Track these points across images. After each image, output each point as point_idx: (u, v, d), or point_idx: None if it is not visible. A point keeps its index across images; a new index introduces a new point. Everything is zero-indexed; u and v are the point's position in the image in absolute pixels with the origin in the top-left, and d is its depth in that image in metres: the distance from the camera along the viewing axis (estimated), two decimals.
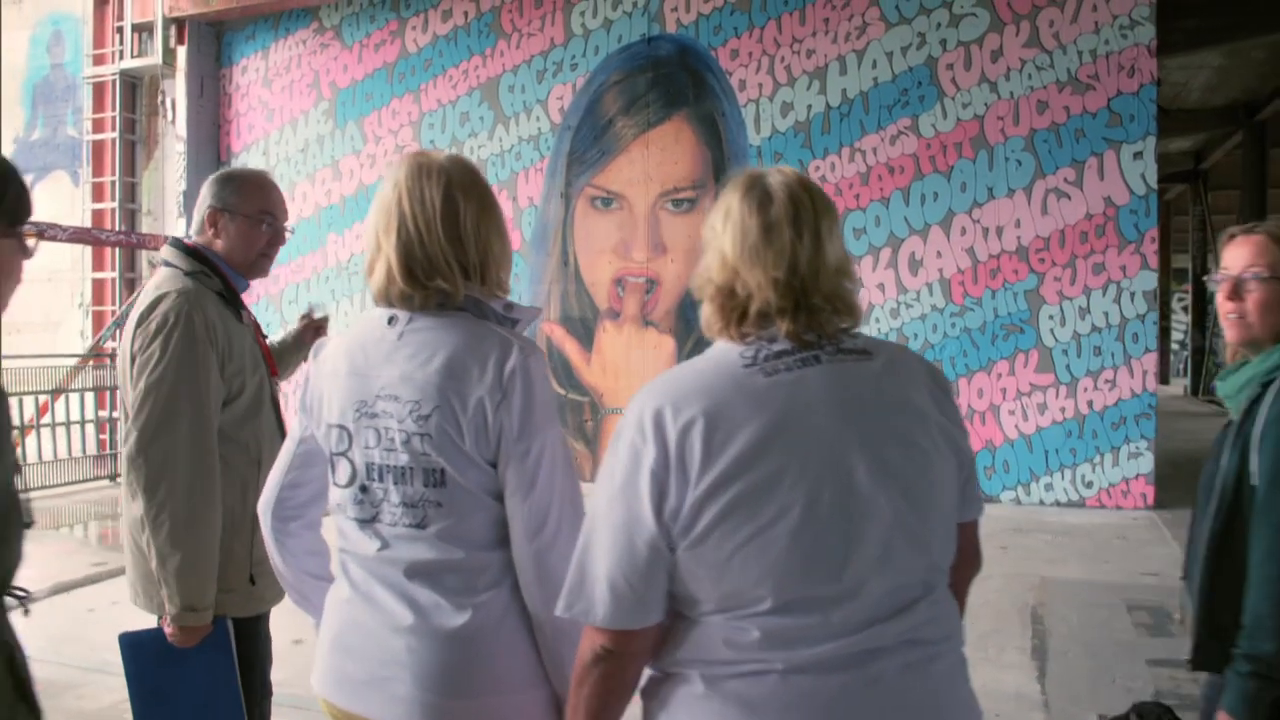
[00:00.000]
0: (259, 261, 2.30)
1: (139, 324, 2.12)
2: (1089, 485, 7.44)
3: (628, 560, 1.20)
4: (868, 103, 7.89)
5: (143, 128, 10.13)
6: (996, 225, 7.60)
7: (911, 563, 1.23)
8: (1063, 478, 7.49)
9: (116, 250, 9.86)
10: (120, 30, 10.01)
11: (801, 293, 1.24)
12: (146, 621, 2.25)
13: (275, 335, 2.68)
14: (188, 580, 2.07)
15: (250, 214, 2.24)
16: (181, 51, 9.72)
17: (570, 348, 8.71)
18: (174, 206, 9.86)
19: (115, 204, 9.92)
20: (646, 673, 1.29)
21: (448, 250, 1.49)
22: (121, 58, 9.92)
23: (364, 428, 1.54)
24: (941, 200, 7.71)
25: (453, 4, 9.09)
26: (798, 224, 1.26)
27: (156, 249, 9.62)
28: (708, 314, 1.31)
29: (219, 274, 2.22)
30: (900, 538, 1.21)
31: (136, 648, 2.16)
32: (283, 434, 2.28)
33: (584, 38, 8.69)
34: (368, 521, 1.55)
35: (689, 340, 8.28)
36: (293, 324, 2.81)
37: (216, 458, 2.10)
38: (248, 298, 2.35)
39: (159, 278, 2.20)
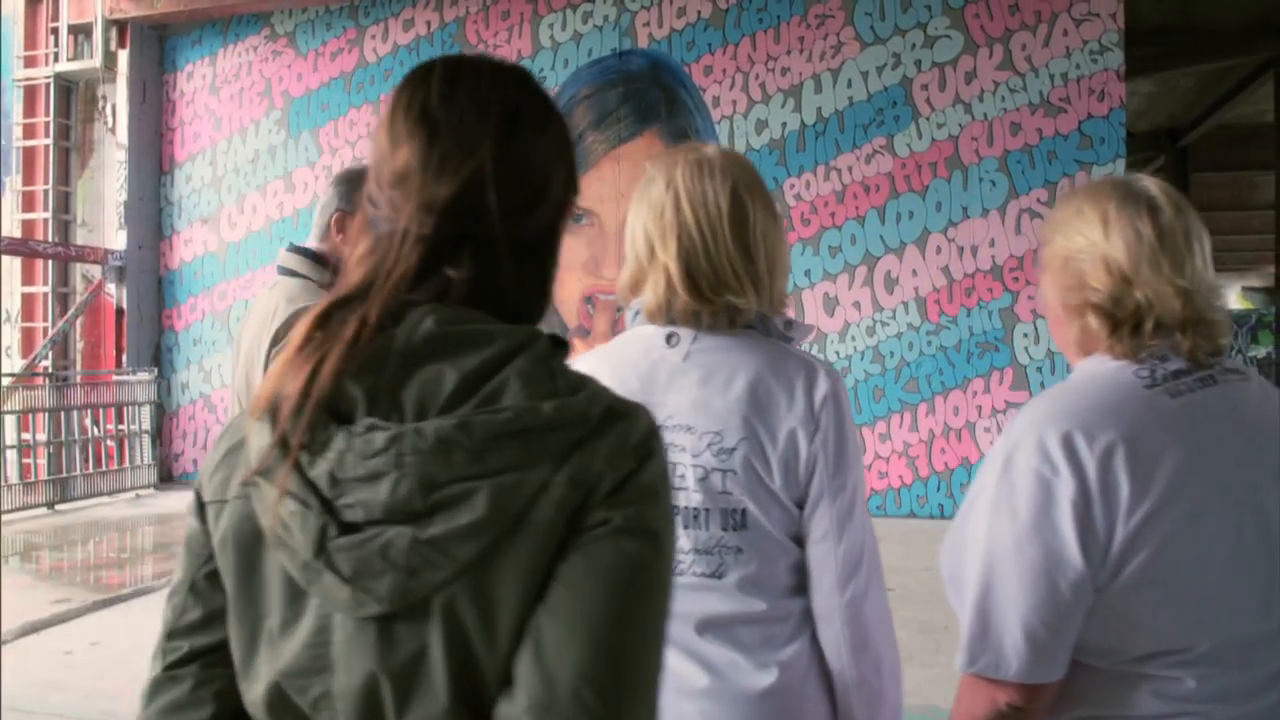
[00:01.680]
0: None
1: (275, 342, 1.91)
2: None
3: (1049, 606, 1.07)
4: (843, 121, 7.91)
5: (77, 134, 9.60)
6: (971, 244, 7.68)
7: None
8: None
9: (49, 263, 9.30)
10: (55, 31, 9.48)
11: (1200, 306, 1.13)
12: (125, 668, 2.01)
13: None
14: None
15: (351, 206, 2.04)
16: (123, 55, 9.25)
17: None
18: (114, 218, 9.35)
19: (48, 214, 9.37)
20: None
21: (737, 261, 1.31)
22: (56, 60, 9.39)
23: None
24: (917, 219, 7.76)
25: (414, 14, 8.85)
26: (1189, 233, 1.15)
27: (96, 262, 9.11)
28: (1088, 328, 1.19)
29: None
30: None
31: None
32: None
33: (553, 50, 8.53)
34: None
35: None
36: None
37: None
38: (189, 312, 2.13)
39: (289, 290, 1.99)
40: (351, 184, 2.04)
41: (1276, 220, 11.05)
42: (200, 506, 0.89)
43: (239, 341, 2.05)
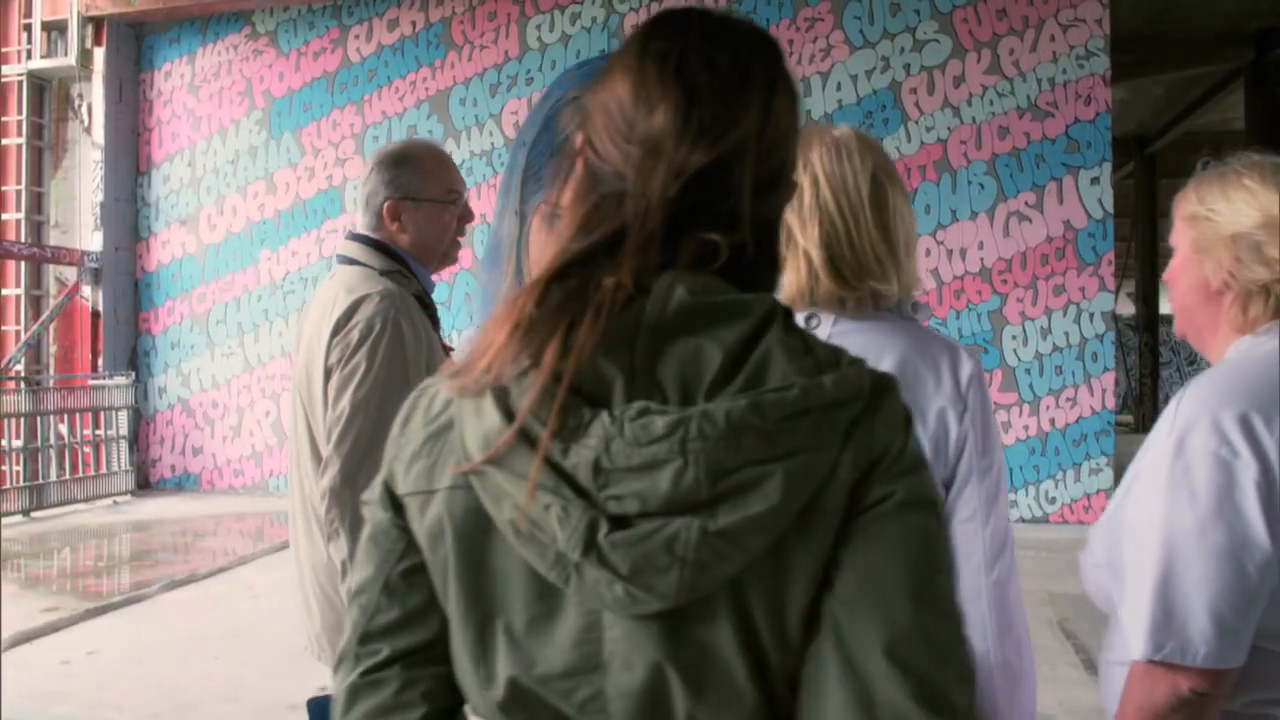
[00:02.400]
0: (450, 250, 2.02)
1: (335, 332, 1.83)
2: (1052, 501, 7.60)
3: (1236, 590, 1.06)
4: (832, 124, 7.92)
5: (51, 133, 9.39)
6: (960, 247, 7.73)
7: None
8: (1027, 494, 7.63)
9: (21, 265, 9.07)
10: (28, 28, 9.27)
11: None
12: (125, 677, 1.94)
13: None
14: None
15: (437, 197, 1.97)
16: (99, 53, 9.06)
17: None
18: (89, 219, 9.14)
19: (21, 215, 9.14)
20: None
21: (879, 245, 1.28)
22: (29, 57, 9.18)
23: None
24: None
25: (399, 13, 8.76)
26: None
27: (72, 264, 8.91)
28: (1252, 306, 1.18)
29: (413, 274, 1.96)
30: None
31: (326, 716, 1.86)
32: None
33: (540, 51, 8.49)
34: None
35: None
36: (220, 346, 2.49)
37: None
38: (167, 316, 2.05)
39: (348, 279, 1.90)
40: (397, 168, 1.97)
41: None
42: (391, 498, 0.82)
43: (299, 334, 1.97)
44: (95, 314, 9.04)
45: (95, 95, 9.11)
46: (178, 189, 9.31)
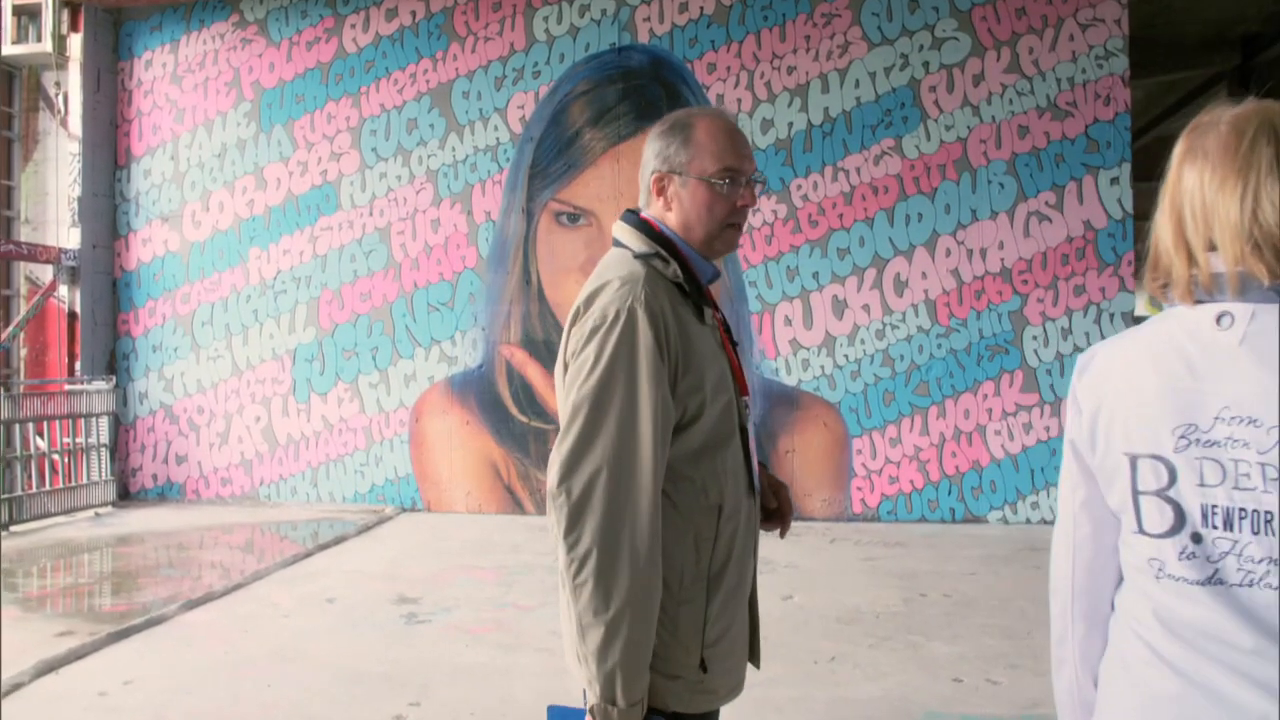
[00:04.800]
0: (725, 234, 1.77)
1: (574, 321, 1.63)
2: None
3: None
4: (850, 122, 7.81)
5: (21, 124, 8.86)
6: (980, 247, 7.66)
7: None
8: (1048, 496, 7.57)
9: None
10: None
11: None
12: (175, 709, 1.70)
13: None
14: (609, 665, 1.56)
15: (709, 174, 1.73)
16: (76, 39, 8.58)
17: (532, 371, 8.17)
18: (64, 214, 8.65)
19: None
20: None
21: None
22: None
23: (1197, 459, 1.14)
24: (926, 221, 7.71)
25: (398, 3, 8.43)
26: None
27: (48, 262, 8.41)
28: None
29: (679, 257, 1.72)
30: None
31: None
32: (751, 472, 1.79)
33: (547, 44, 8.23)
34: (1202, 583, 1.15)
35: None
36: (207, 349, 2.24)
37: (658, 500, 1.60)
38: (148, 317, 1.82)
39: (605, 262, 1.70)
40: (668, 137, 1.74)
41: None
42: None
43: None
44: (72, 315, 8.55)
45: (71, 84, 8.62)
46: (159, 184, 8.85)
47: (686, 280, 1.71)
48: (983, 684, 4.05)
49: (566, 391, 1.62)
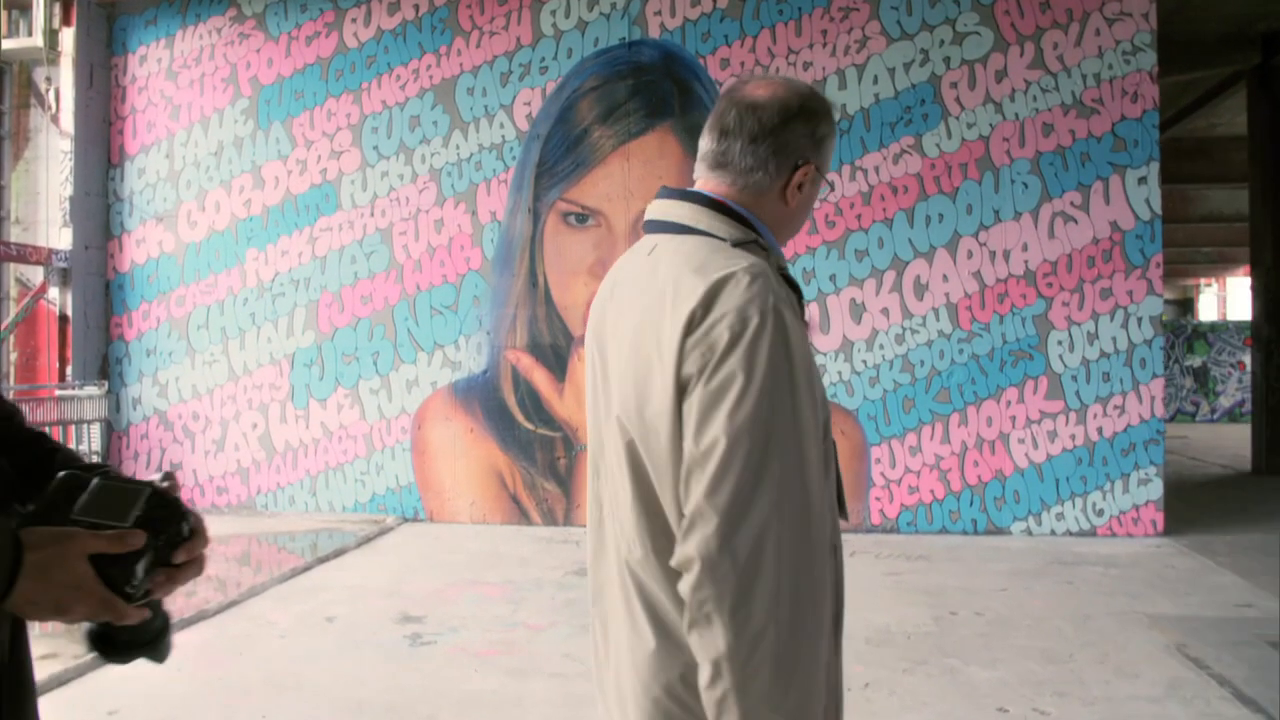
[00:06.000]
0: (795, 232, 1.53)
1: (691, 329, 1.30)
2: (1100, 513, 7.29)
3: None
4: (869, 119, 7.55)
5: (11, 121, 8.59)
6: (1004, 249, 7.40)
7: None
8: (1073, 506, 7.31)
9: None
10: None
11: None
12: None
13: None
14: None
15: (826, 170, 1.48)
16: (68, 34, 8.31)
17: (539, 377, 7.90)
18: (55, 214, 8.37)
19: None
20: None
21: None
22: None
23: None
24: (947, 222, 7.45)
25: None
26: None
27: (39, 263, 8.14)
28: None
29: (768, 247, 1.44)
30: None
31: None
32: (841, 499, 1.52)
33: (555, 39, 7.96)
34: None
35: None
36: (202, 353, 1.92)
37: (828, 552, 1.31)
38: (142, 320, 1.49)
39: (691, 253, 1.34)
40: (822, 122, 1.42)
41: (1251, 228, 11.15)
42: None
43: (599, 335, 1.47)
44: (63, 318, 8.28)
45: (63, 80, 8.35)
46: (154, 183, 8.58)
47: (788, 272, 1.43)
48: (1030, 714, 3.78)
49: (702, 422, 1.25)
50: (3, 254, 7.83)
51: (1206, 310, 29.24)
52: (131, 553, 1.00)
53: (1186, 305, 29.47)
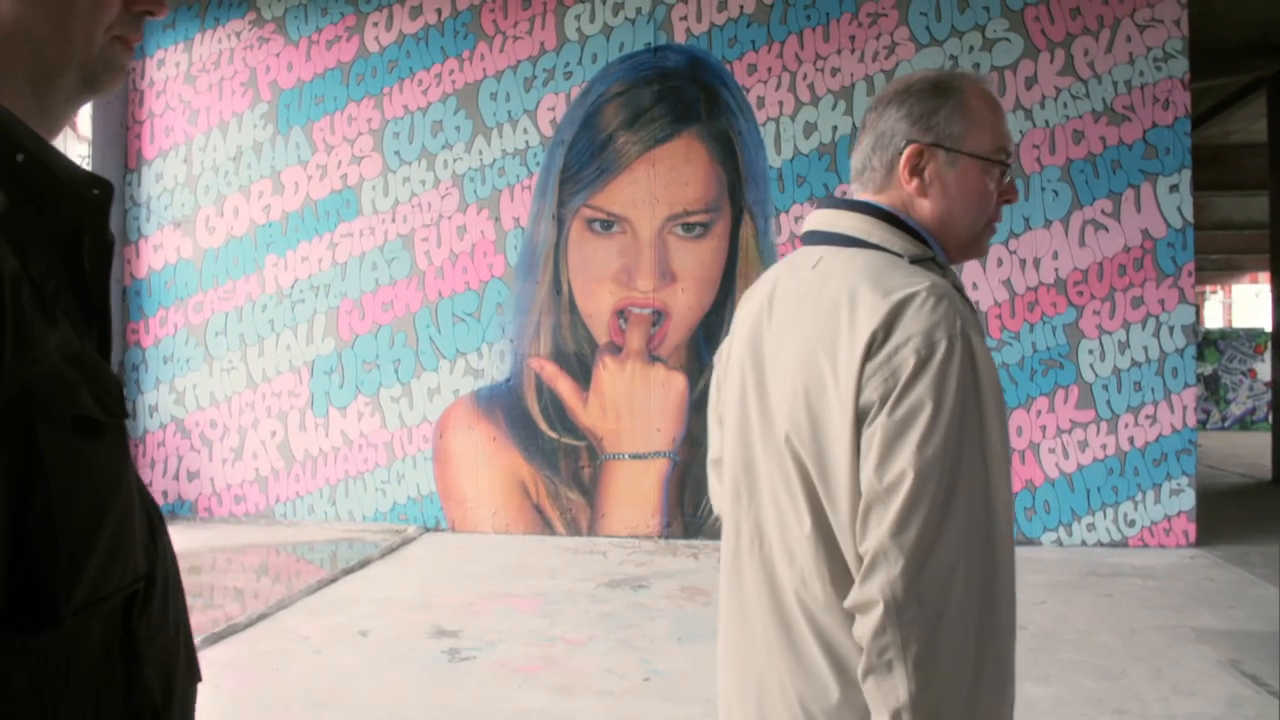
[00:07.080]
0: (983, 236, 1.40)
1: (872, 352, 1.18)
2: (1131, 524, 7.22)
3: None
4: None
5: None
6: (1034, 257, 7.33)
7: None
8: (1105, 517, 7.24)
9: None
10: None
11: None
12: None
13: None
14: None
15: (985, 153, 1.35)
16: None
17: (563, 386, 7.81)
18: None
19: None
20: None
21: None
22: None
23: None
24: None
25: (422, 0, 8.09)
26: None
27: None
28: None
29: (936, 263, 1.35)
30: None
31: None
32: None
33: (579, 44, 7.89)
34: None
35: (701, 377, 7.58)
36: (220, 360, 1.79)
37: (1013, 591, 1.23)
38: (159, 326, 1.39)
39: (865, 268, 1.25)
40: (933, 99, 1.32)
41: (1271, 236, 11.09)
42: None
43: (749, 348, 1.37)
44: None
45: None
46: (172, 188, 8.50)
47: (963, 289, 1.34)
48: None
49: (885, 454, 1.16)
50: None
51: (1212, 318, 29.22)
52: None
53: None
